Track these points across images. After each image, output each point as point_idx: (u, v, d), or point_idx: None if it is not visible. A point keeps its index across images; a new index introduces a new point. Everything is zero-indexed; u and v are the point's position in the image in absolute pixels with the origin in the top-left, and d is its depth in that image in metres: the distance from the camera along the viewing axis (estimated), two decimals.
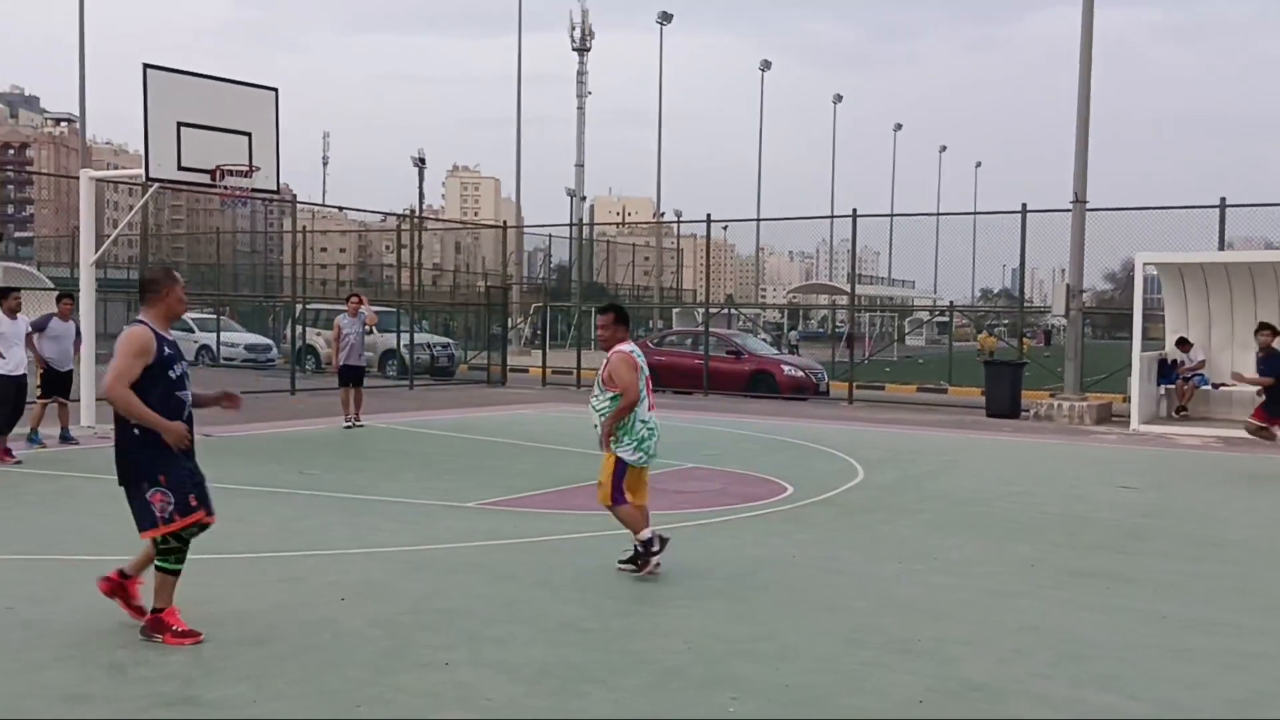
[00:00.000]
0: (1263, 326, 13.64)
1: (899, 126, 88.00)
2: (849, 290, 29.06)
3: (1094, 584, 7.43)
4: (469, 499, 10.13)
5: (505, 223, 32.78)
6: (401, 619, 6.12)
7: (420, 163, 78.48)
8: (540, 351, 29.39)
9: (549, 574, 7.30)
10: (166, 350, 5.65)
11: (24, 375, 12.47)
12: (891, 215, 33.78)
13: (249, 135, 14.17)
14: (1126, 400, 19.14)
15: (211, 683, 5.06)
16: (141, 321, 5.69)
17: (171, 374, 5.65)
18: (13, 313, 12.43)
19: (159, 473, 5.51)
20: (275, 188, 15.01)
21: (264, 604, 6.40)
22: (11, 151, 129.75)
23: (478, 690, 5.06)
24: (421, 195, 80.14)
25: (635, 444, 7.29)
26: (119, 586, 5.85)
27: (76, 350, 13.53)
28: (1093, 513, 10.18)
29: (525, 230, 43.61)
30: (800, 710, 4.95)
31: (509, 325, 32.04)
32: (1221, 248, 19.57)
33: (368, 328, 16.60)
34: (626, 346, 7.39)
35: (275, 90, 14.78)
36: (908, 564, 7.95)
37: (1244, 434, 13.74)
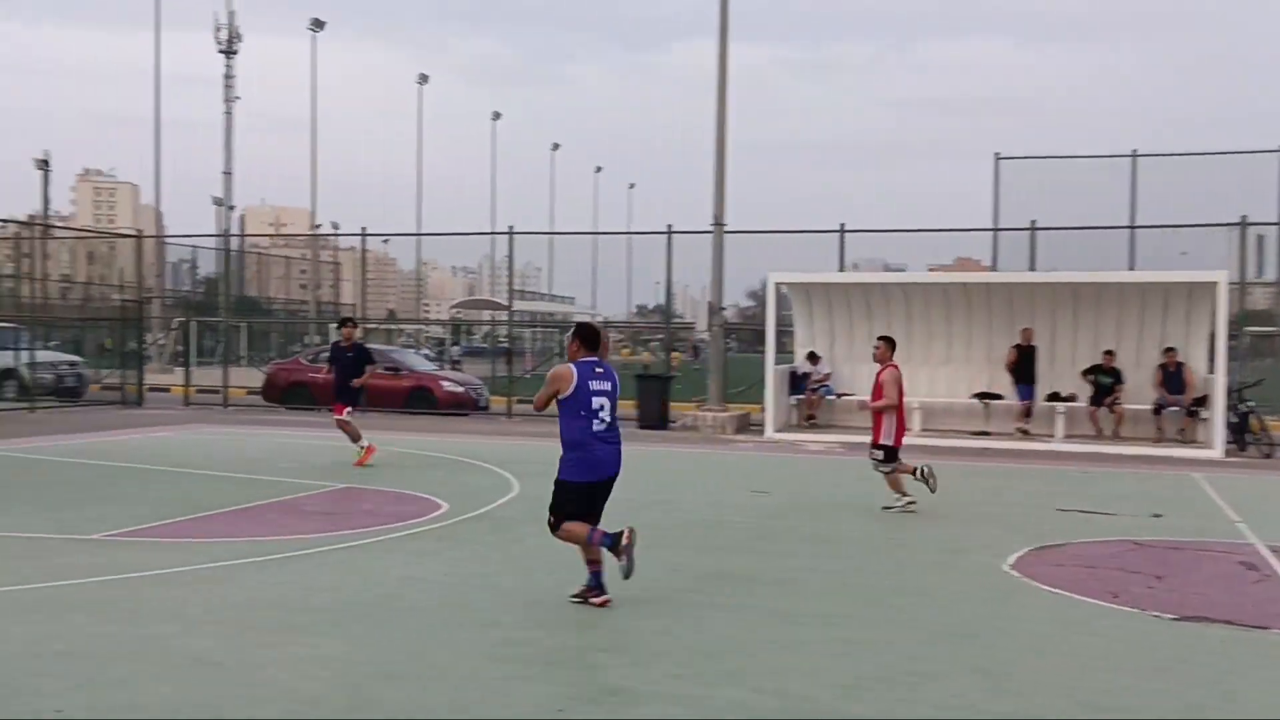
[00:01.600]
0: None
1: (556, 146, 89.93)
2: (509, 306, 29.35)
3: (726, 585, 7.90)
4: (94, 531, 9.37)
5: (140, 231, 30.62)
6: (10, 664, 5.58)
7: (44, 165, 71.72)
8: (184, 369, 27.66)
9: (180, 608, 6.89)
10: None
11: None
12: (550, 234, 34.44)
13: None
14: (763, 410, 20.52)
15: None
16: None
17: None
18: None
19: None
20: None
21: None
22: None
23: None
24: (46, 200, 73.20)
25: None
26: None
27: None
28: (728, 517, 10.83)
29: (166, 240, 40.87)
30: None
31: (148, 341, 29.91)
32: (842, 268, 21.43)
33: None
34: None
35: None
36: (559, 575, 8.12)
37: (865, 440, 15.05)
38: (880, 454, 11.28)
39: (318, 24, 57.52)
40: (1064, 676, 5.88)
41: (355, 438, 14.31)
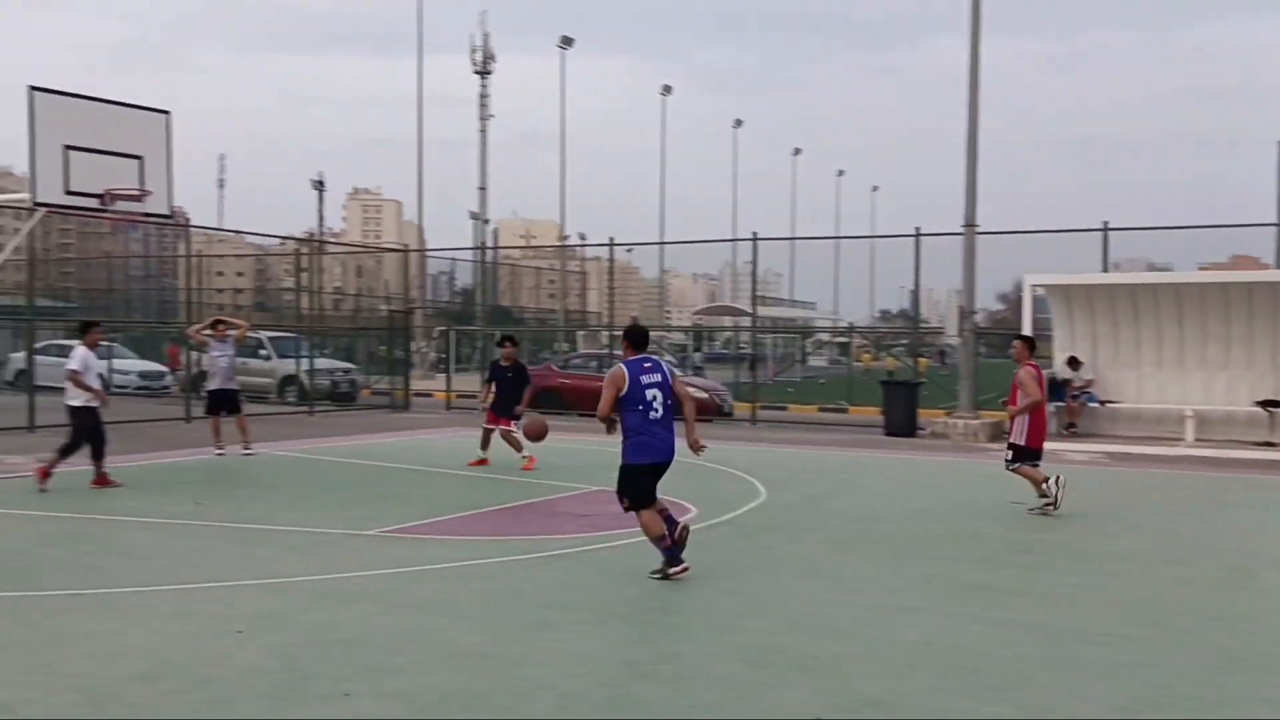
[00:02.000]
0: None
1: (798, 151, 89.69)
2: (751, 312, 29.42)
3: (985, 598, 7.63)
4: (369, 527, 10.01)
5: (407, 246, 32.48)
6: (300, 650, 6.03)
7: (319, 185, 77.35)
8: (444, 375, 29.17)
9: (450, 601, 7.26)
10: None
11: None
12: (792, 239, 34.36)
13: (140, 159, 13.91)
14: None
15: None
16: None
17: None
18: None
19: None
20: (168, 211, 14.73)
21: (156, 639, 6.24)
22: None
23: None
24: (321, 218, 78.93)
25: None
26: None
27: None
28: (984, 528, 10.46)
29: (428, 254, 43.26)
30: None
31: (412, 349, 31.75)
32: (1105, 269, 20.30)
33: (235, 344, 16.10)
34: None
35: (167, 113, 14.51)
36: (807, 582, 8.09)
37: (1130, 449, 14.24)
38: (1009, 453, 11.37)
39: (566, 41, 59.47)
40: None
41: (518, 448, 14.72)
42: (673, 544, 8.02)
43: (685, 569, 7.99)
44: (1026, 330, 19.08)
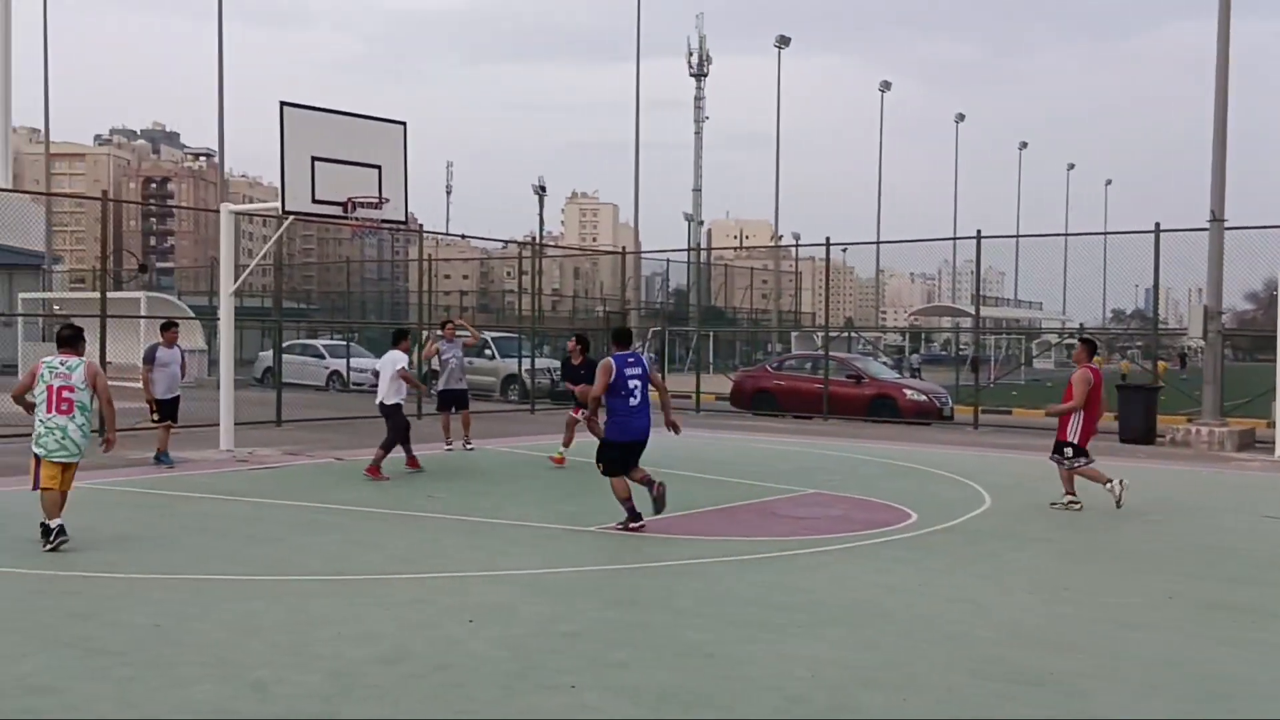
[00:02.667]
0: None
1: (1024, 145, 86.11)
2: (973, 312, 28.50)
3: (1235, 618, 7.15)
4: (590, 523, 10.24)
5: (624, 248, 33.08)
6: (526, 641, 6.24)
7: (541, 190, 79.81)
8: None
9: (670, 598, 7.35)
10: None
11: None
12: (1017, 236, 33.13)
13: (379, 168, 14.65)
14: (1271, 426, 18.35)
15: (348, 700, 5.23)
16: None
17: None
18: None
19: None
20: (404, 218, 15.47)
21: (395, 624, 6.58)
22: (154, 185, 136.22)
23: (602, 713, 5.12)
24: (542, 222, 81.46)
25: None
26: None
27: (182, 374, 14.25)
28: (1233, 543, 9.79)
29: (643, 255, 43.91)
30: None
31: None
32: None
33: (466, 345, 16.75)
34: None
35: (404, 124, 15.25)
36: (1037, 594, 7.78)
37: None
38: (1069, 450, 11.46)
39: (783, 40, 59.24)
40: None
41: (567, 443, 14.89)
42: (655, 500, 9.72)
43: (642, 526, 9.75)
44: None
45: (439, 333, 16.59)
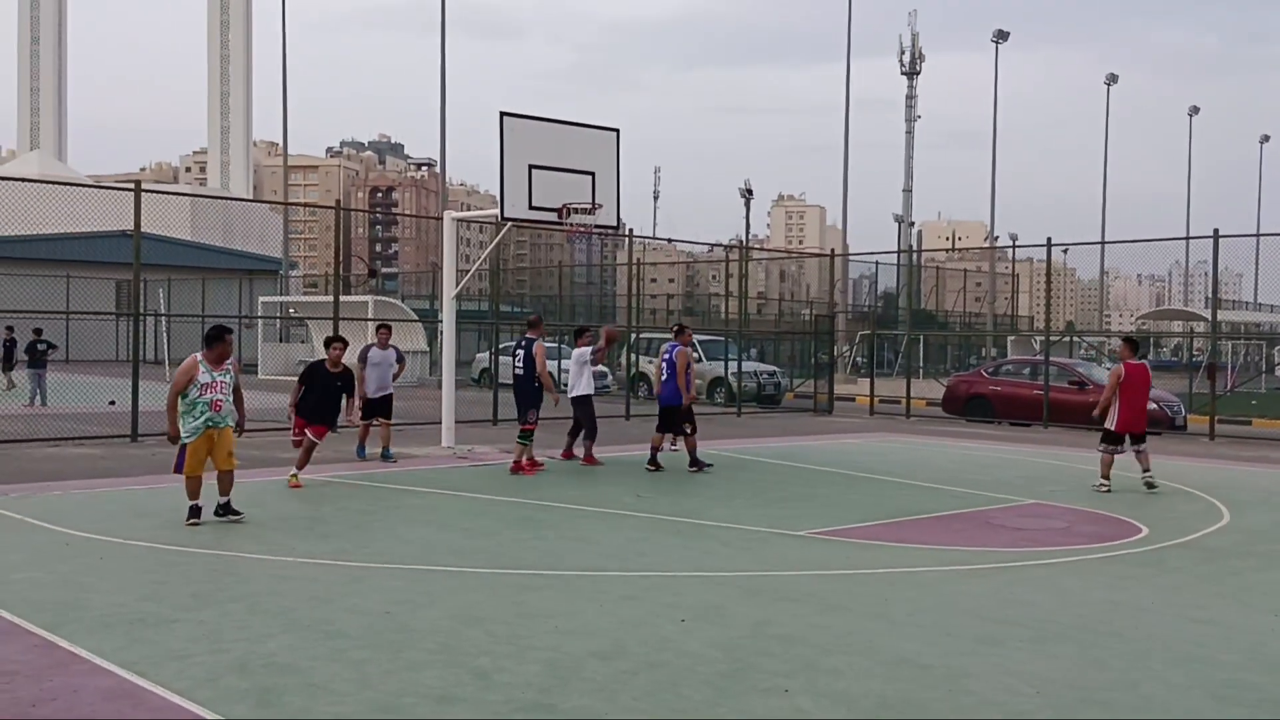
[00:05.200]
0: None
1: (1266, 138, 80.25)
2: (1208, 316, 26.76)
3: None
4: (799, 527, 10.15)
5: (832, 251, 32.67)
6: (739, 643, 6.22)
7: (747, 193, 79.80)
8: (867, 379, 29.05)
9: (884, 606, 7.20)
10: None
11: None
12: (1258, 235, 30.96)
13: (592, 174, 14.97)
14: None
15: (565, 692, 5.35)
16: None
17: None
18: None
19: None
20: (616, 223, 15.76)
21: (609, 620, 6.69)
22: (380, 194, 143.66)
23: (817, 718, 5.05)
24: (748, 225, 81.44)
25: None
26: None
27: (397, 374, 14.84)
28: None
29: (850, 258, 43.30)
30: None
31: (835, 353, 31.91)
32: None
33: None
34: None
35: (616, 131, 15.53)
36: None
37: None
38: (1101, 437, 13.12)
39: (1001, 35, 57.29)
40: None
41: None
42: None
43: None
44: None
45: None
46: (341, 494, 11.72)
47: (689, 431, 14.38)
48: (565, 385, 16.03)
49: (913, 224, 64.98)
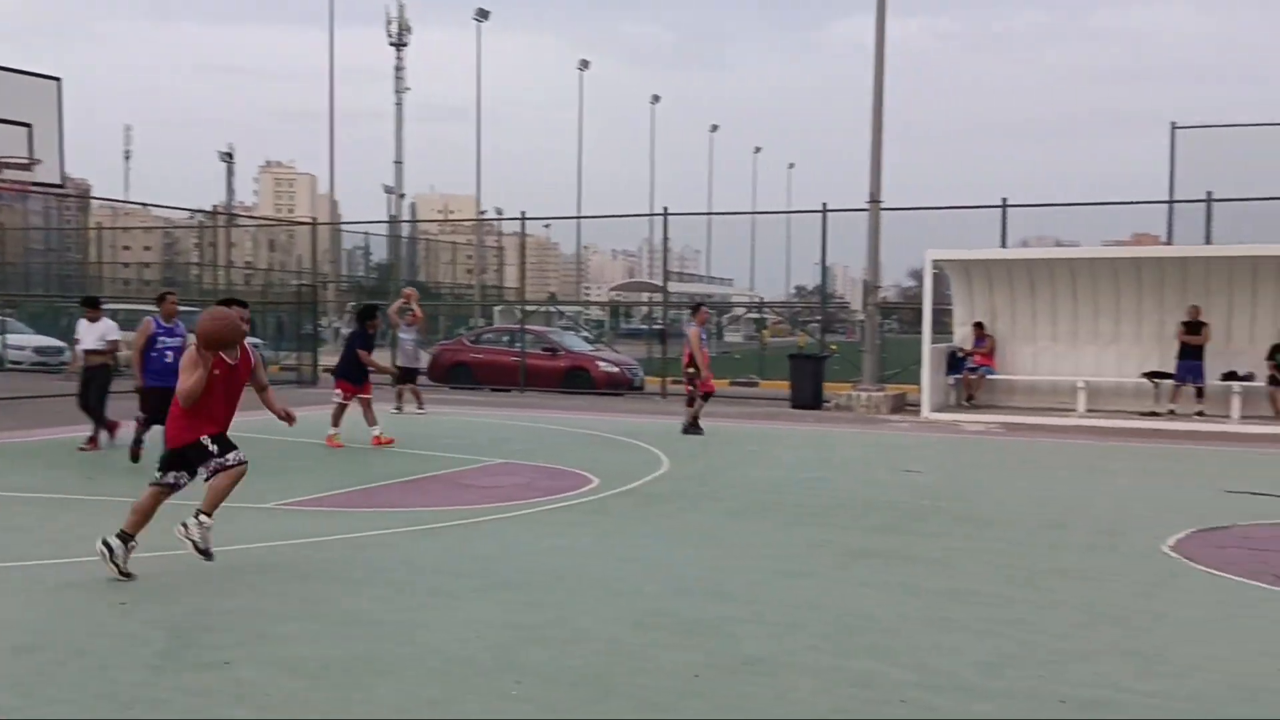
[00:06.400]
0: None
1: (715, 127, 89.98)
2: (663, 287, 29.57)
3: (873, 563, 7.87)
4: (268, 500, 9.95)
5: (314, 219, 32.03)
6: (184, 621, 6.01)
7: (228, 158, 75.69)
8: None
9: (345, 570, 7.28)
10: None
11: None
12: (704, 214, 34.62)
13: (29, 126, 13.51)
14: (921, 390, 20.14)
15: None
16: None
17: None
18: None
19: None
20: (59, 180, 14.36)
21: (37, 612, 6.18)
22: None
23: (257, 687, 5.03)
24: (230, 191, 77.27)
25: None
26: None
27: None
28: (879, 496, 10.74)
29: (338, 227, 42.66)
30: (582, 690, 5.11)
31: (323, 324, 31.36)
32: (1005, 245, 20.82)
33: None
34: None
35: (58, 80, 14.13)
36: (703, 549, 8.25)
37: (1025, 420, 14.67)
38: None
39: (482, 14, 58.96)
40: (1219, 660, 5.68)
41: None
42: None
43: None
44: (926, 305, 19.53)
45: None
46: None
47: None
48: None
49: (403, 195, 65.26)
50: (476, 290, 55.93)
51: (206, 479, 7.01)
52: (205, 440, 7.02)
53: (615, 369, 24.49)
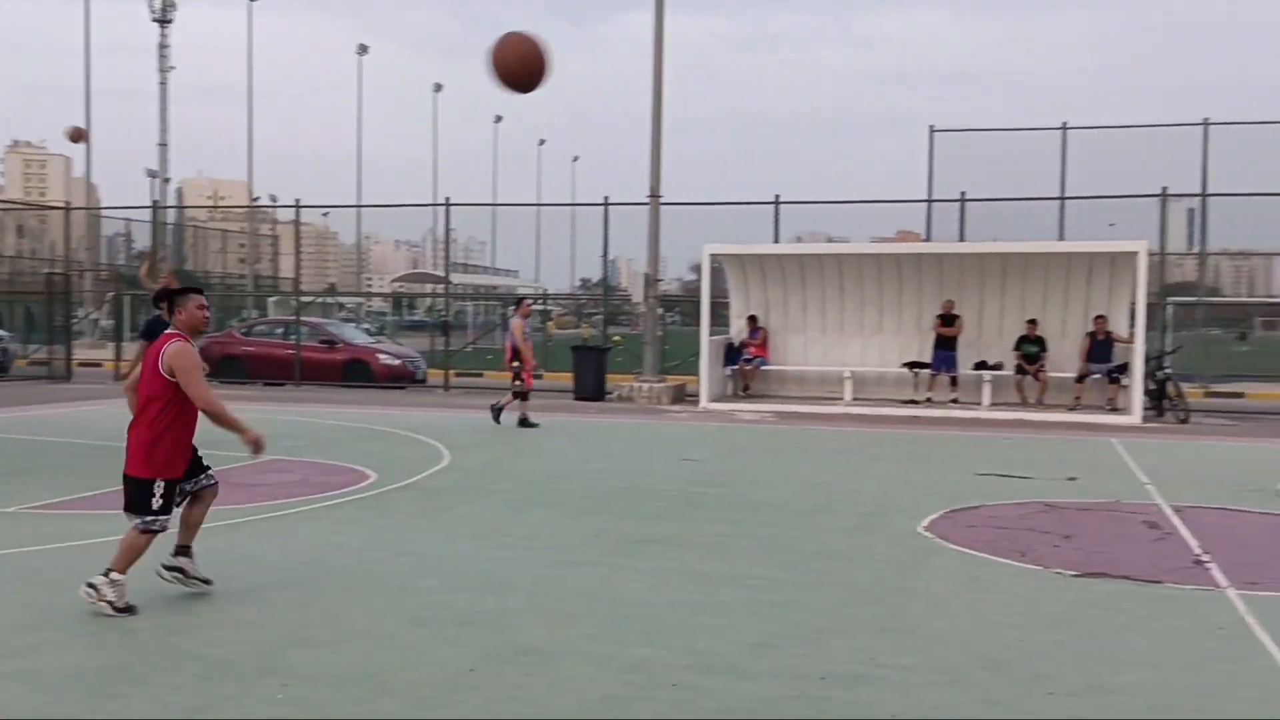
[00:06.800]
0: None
1: (499, 118, 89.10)
2: (446, 278, 29.22)
3: (649, 550, 8.02)
4: (10, 503, 9.27)
5: (69, 203, 30.04)
6: None
7: None
8: (114, 344, 27.25)
9: (87, 576, 6.84)
10: None
11: None
12: (487, 205, 34.42)
13: None
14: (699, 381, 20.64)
15: None
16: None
17: None
18: None
19: None
20: None
21: None
22: None
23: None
24: None
25: None
26: None
27: None
28: (658, 485, 10.95)
29: (95, 212, 40.11)
30: (352, 689, 5.00)
31: (79, 316, 29.42)
32: (777, 240, 21.59)
33: None
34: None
35: None
36: (482, 542, 8.21)
37: (796, 409, 15.25)
38: None
39: None
40: (965, 632, 6.07)
41: None
42: None
43: None
44: (704, 298, 20.03)
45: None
46: None
47: None
48: None
49: (169, 180, 61.90)
50: (249, 280, 53.70)
51: None
52: None
53: (396, 362, 24.03)
